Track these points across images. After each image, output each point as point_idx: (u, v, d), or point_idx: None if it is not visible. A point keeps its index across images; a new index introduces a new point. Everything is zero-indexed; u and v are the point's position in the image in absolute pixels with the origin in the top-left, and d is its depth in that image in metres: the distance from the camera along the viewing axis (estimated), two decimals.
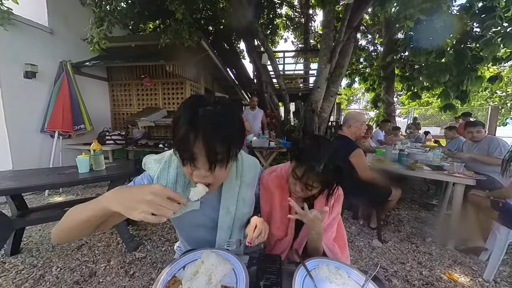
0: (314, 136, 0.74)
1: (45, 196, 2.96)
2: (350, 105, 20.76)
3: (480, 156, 2.24)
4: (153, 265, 1.61)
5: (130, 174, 1.75)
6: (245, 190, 0.75)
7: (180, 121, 0.49)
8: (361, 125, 1.88)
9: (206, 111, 0.49)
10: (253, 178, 0.78)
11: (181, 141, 0.49)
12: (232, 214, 0.72)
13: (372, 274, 0.58)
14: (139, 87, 4.29)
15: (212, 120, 0.49)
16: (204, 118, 0.48)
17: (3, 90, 2.72)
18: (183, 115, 0.49)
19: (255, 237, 0.63)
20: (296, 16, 8.55)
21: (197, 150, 0.50)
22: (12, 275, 1.46)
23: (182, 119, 0.49)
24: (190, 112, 0.49)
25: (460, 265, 1.66)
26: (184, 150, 0.50)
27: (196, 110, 0.49)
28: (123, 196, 0.44)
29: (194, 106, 0.50)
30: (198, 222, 0.73)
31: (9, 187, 1.32)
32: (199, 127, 0.48)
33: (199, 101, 0.51)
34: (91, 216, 0.48)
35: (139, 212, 0.41)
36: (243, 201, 0.74)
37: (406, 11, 3.26)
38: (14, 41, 2.82)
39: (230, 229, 0.73)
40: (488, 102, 11.03)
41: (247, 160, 0.78)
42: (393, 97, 6.47)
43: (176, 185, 0.65)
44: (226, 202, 0.71)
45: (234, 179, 0.72)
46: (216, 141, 0.49)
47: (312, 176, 0.67)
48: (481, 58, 3.51)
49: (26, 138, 2.98)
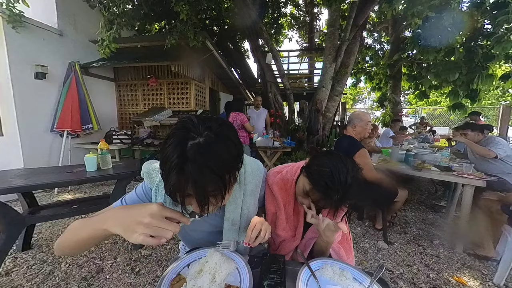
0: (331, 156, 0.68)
1: (54, 193, 3.04)
2: (355, 105, 20.49)
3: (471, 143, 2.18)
4: (158, 262, 1.64)
5: (136, 173, 1.78)
6: (248, 198, 0.73)
7: (167, 165, 0.44)
8: (366, 125, 1.85)
9: (194, 147, 0.44)
10: (257, 184, 0.76)
11: (172, 189, 0.46)
12: (237, 226, 0.71)
13: (378, 276, 0.57)
14: (145, 87, 4.36)
15: (202, 161, 0.43)
16: (193, 162, 0.43)
17: (15, 91, 2.80)
18: (170, 157, 0.43)
19: (254, 237, 0.61)
20: (301, 15, 8.49)
21: (189, 192, 0.46)
22: (24, 270, 1.51)
23: (169, 163, 0.43)
24: (178, 152, 0.43)
25: (469, 269, 1.62)
26: (175, 196, 0.47)
27: (185, 148, 0.44)
28: (122, 218, 0.44)
29: (182, 142, 0.44)
30: (200, 228, 0.73)
31: (20, 184, 1.36)
32: (188, 172, 0.43)
33: (187, 134, 0.45)
34: (91, 236, 0.48)
35: (138, 235, 0.40)
36: (248, 209, 0.73)
37: (414, 8, 3.19)
38: (25, 43, 2.91)
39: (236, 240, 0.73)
40: (500, 101, 10.70)
41: (249, 166, 0.75)
42: (400, 96, 6.36)
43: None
44: (230, 215, 0.69)
45: (237, 190, 0.70)
46: (208, 183, 0.45)
47: (328, 203, 0.65)
48: (492, 56, 3.40)
49: (36, 137, 3.07)
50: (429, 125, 6.30)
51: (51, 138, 3.25)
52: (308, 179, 0.69)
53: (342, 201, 0.64)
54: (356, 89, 15.16)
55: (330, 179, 0.62)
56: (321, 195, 0.65)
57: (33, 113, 3.01)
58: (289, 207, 0.81)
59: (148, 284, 1.42)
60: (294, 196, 0.81)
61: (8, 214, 1.45)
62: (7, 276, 1.44)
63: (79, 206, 1.79)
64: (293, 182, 0.80)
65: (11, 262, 1.58)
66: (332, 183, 0.62)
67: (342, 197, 0.63)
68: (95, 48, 3.04)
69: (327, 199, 0.64)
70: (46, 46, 3.16)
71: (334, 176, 0.62)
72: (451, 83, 3.84)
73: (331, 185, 0.62)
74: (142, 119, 3.71)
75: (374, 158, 2.47)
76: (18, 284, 1.38)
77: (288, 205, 0.81)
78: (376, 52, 7.26)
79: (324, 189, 0.63)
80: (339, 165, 0.64)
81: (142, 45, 3.59)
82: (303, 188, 0.70)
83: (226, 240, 0.70)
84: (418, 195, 3.26)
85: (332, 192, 0.62)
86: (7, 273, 1.47)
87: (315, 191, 0.66)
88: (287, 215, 0.82)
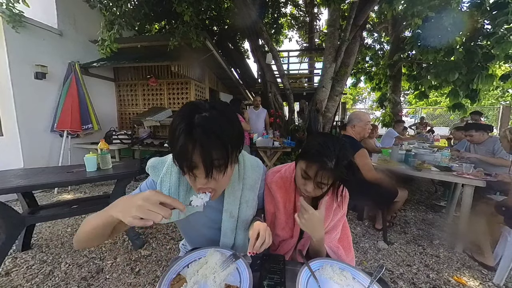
0: (319, 134, 0.73)
1: (54, 193, 3.04)
2: (355, 105, 20.50)
3: (487, 158, 2.20)
4: (158, 262, 1.63)
5: (135, 173, 1.78)
6: (247, 192, 0.74)
7: (177, 132, 0.49)
8: (366, 125, 1.85)
9: (201, 118, 0.49)
10: (256, 180, 0.77)
11: (180, 152, 0.50)
12: (235, 217, 0.72)
13: (378, 276, 0.57)
14: (145, 87, 4.35)
15: (208, 127, 0.49)
16: (200, 127, 0.48)
17: (15, 91, 2.80)
18: (179, 125, 0.49)
19: (258, 246, 0.60)
20: (301, 15, 8.49)
21: (196, 159, 0.50)
22: (23, 270, 1.50)
23: (178, 129, 0.49)
24: (186, 121, 0.49)
25: (469, 269, 1.62)
26: (183, 160, 0.51)
27: (192, 119, 0.49)
28: (122, 204, 0.47)
29: (190, 114, 0.50)
30: (200, 223, 0.74)
31: (20, 184, 1.35)
32: (196, 136, 0.48)
33: (194, 108, 0.51)
34: (100, 223, 0.50)
35: (129, 217, 0.43)
36: (246, 203, 0.74)
37: (414, 8, 3.19)
38: (25, 43, 2.90)
39: (233, 232, 0.73)
40: (500, 101, 10.70)
41: (249, 162, 0.77)
42: (399, 96, 6.36)
43: (179, 188, 0.66)
44: (229, 206, 0.71)
45: (236, 182, 0.72)
46: (213, 148, 0.49)
47: (326, 173, 0.65)
48: (492, 56, 3.41)
49: (36, 137, 3.07)
50: (429, 125, 6.31)
51: (51, 138, 3.24)
52: (301, 159, 0.72)
53: (339, 169, 0.65)
54: (356, 89, 15.17)
55: (321, 146, 0.66)
56: (317, 165, 0.65)
57: (33, 113, 3.01)
58: (289, 205, 0.81)
59: (148, 284, 1.42)
60: (294, 194, 0.81)
61: (8, 214, 1.45)
62: (7, 276, 1.44)
63: (79, 206, 1.79)
64: (292, 179, 0.80)
65: (11, 262, 1.58)
66: (324, 148, 0.65)
67: (338, 164, 0.64)
68: (95, 48, 3.03)
69: (324, 169, 0.64)
70: (46, 46, 3.16)
71: (324, 144, 0.66)
72: (451, 83, 3.85)
73: (323, 150, 0.65)
74: (142, 119, 3.71)
75: (374, 158, 2.47)
76: (18, 284, 1.38)
77: (288, 203, 0.81)
78: (376, 52, 7.27)
79: (318, 156, 0.65)
80: (327, 137, 0.70)
81: (142, 45, 3.58)
82: (301, 172, 0.71)
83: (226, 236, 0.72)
84: (418, 195, 3.26)
85: (327, 158, 0.64)
86: (6, 273, 1.47)
87: (310, 164, 0.67)
88: (287, 214, 0.82)
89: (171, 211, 0.46)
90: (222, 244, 0.73)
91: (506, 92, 10.25)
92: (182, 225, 0.78)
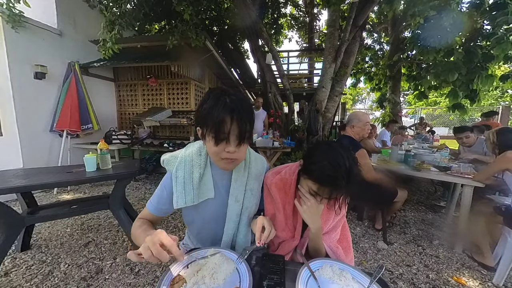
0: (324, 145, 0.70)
1: (54, 194, 3.03)
2: (355, 105, 20.53)
3: (485, 157, 2.19)
4: (157, 263, 1.63)
5: (135, 173, 1.78)
6: (252, 181, 0.80)
7: (215, 109, 0.59)
8: (365, 125, 1.85)
9: (232, 98, 0.61)
10: (260, 171, 0.83)
11: (219, 124, 0.59)
12: (240, 202, 0.77)
13: (377, 276, 0.57)
14: (145, 87, 4.35)
15: (240, 105, 0.60)
16: (235, 105, 0.60)
17: (14, 91, 2.80)
18: (216, 103, 0.59)
19: (266, 236, 0.66)
20: (300, 15, 8.49)
21: (232, 130, 0.60)
22: (23, 270, 1.50)
23: (217, 106, 0.59)
24: (222, 100, 0.60)
25: (468, 269, 1.62)
26: (222, 131, 0.60)
27: (225, 99, 0.60)
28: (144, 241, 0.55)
29: (221, 97, 0.61)
30: (208, 215, 0.77)
31: (20, 184, 1.35)
32: (234, 110, 0.59)
33: (224, 92, 0.62)
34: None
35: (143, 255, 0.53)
36: (251, 191, 0.79)
37: (414, 8, 3.19)
38: (25, 42, 2.90)
39: (238, 217, 0.77)
40: (499, 102, 10.72)
41: (253, 154, 0.84)
42: (399, 96, 6.36)
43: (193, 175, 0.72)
44: (235, 191, 0.76)
45: (242, 170, 0.77)
46: (246, 122, 0.61)
47: (339, 191, 0.66)
48: (491, 56, 3.41)
49: (36, 137, 3.06)
50: (428, 126, 6.31)
51: (51, 138, 3.24)
52: (311, 180, 0.68)
53: (351, 183, 0.64)
54: (355, 90, 15.19)
55: (332, 170, 0.63)
56: (330, 188, 0.65)
57: (32, 113, 3.01)
58: (288, 207, 0.81)
59: (147, 284, 1.42)
60: (294, 197, 0.81)
61: (7, 214, 1.45)
62: (6, 276, 1.44)
63: (78, 206, 1.78)
64: (292, 182, 0.80)
65: (10, 262, 1.58)
66: (336, 172, 0.63)
67: (350, 179, 0.63)
68: (94, 48, 3.03)
69: (337, 189, 0.65)
70: (46, 46, 3.15)
71: (334, 165, 0.63)
72: (450, 84, 3.85)
73: (335, 174, 0.63)
74: (142, 119, 3.70)
75: (374, 158, 2.48)
76: (17, 285, 1.37)
77: (288, 206, 0.81)
78: (375, 53, 7.27)
79: (331, 181, 0.64)
80: (332, 153, 0.66)
81: (142, 45, 3.58)
82: (310, 189, 0.70)
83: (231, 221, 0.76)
84: (418, 196, 3.26)
85: (339, 180, 0.63)
86: (6, 273, 1.46)
87: (323, 187, 0.67)
88: (286, 216, 0.81)
89: (168, 257, 0.52)
90: (227, 228, 0.76)
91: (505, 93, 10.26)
92: (188, 213, 0.80)
